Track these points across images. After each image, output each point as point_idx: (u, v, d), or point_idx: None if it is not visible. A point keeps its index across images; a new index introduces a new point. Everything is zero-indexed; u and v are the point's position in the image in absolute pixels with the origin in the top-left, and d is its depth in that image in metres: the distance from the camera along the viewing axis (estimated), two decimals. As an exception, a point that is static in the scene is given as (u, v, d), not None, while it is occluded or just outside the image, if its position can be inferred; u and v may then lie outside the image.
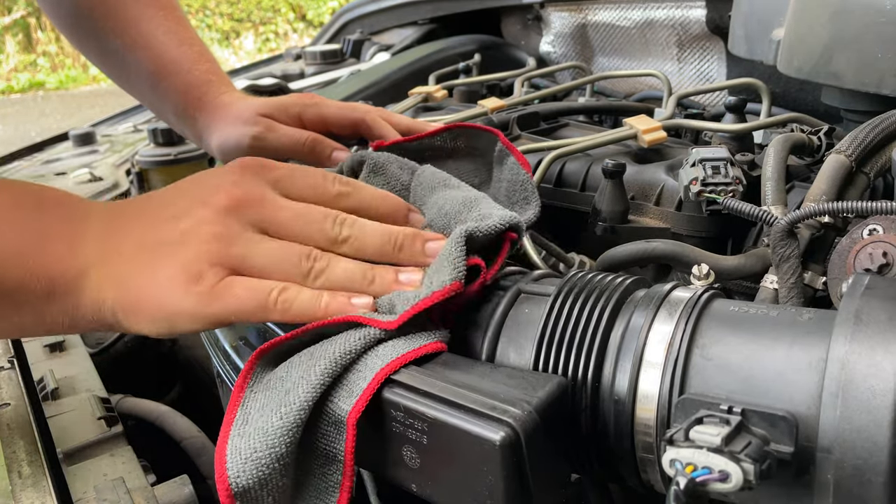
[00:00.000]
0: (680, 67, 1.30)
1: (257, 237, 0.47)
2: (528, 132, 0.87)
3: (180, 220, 0.48)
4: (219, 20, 10.48)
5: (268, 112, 0.76)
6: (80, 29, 0.84)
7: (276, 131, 0.75)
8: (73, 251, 0.48)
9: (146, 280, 0.46)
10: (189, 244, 0.46)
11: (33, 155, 1.62)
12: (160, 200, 0.51)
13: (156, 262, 0.46)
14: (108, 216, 0.50)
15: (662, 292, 0.42)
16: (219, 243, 0.46)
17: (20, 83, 9.51)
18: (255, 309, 0.45)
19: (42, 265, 0.46)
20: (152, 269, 0.46)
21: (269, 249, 0.47)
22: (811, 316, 0.38)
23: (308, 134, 0.75)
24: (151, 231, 0.48)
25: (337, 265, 0.48)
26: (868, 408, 0.32)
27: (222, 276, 0.46)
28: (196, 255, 0.46)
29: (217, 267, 0.46)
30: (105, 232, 0.49)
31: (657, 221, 0.68)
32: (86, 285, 0.47)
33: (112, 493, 0.57)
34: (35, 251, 0.47)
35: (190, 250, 0.46)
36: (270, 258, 0.47)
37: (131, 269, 0.47)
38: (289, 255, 0.47)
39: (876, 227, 0.49)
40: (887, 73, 0.65)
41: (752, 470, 0.31)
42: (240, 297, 0.45)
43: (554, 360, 0.42)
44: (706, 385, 0.37)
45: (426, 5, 1.84)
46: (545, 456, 0.38)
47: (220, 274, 0.46)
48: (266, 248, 0.47)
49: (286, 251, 0.47)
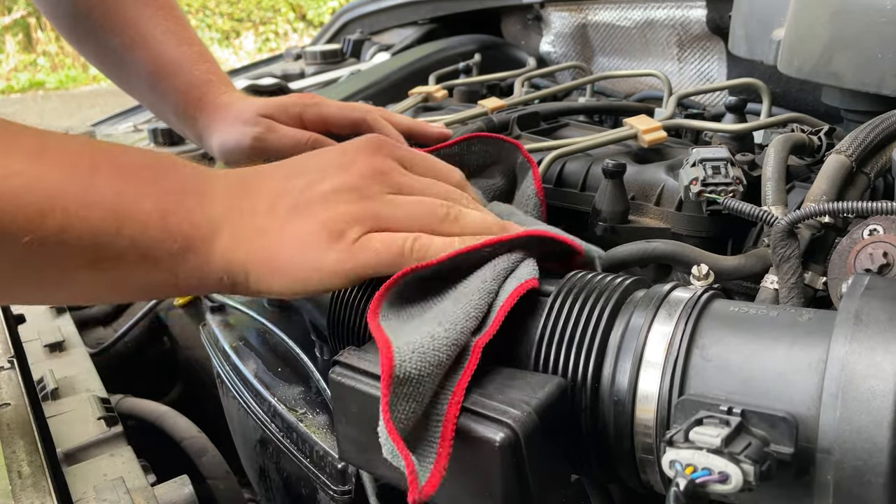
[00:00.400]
0: (680, 67, 1.30)
1: (393, 197, 0.50)
2: (528, 132, 0.87)
3: (320, 183, 0.49)
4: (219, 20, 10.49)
5: (268, 112, 0.76)
6: (78, 30, 0.84)
7: (277, 132, 0.75)
8: (205, 208, 0.48)
9: (284, 238, 0.47)
10: (330, 204, 0.48)
11: (33, 155, 1.61)
12: (290, 167, 0.52)
13: (295, 221, 0.48)
14: (237, 178, 0.51)
15: (662, 292, 0.42)
16: (361, 204, 0.48)
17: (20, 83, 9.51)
18: (392, 259, 0.47)
19: (177, 222, 0.46)
20: (291, 227, 0.48)
21: (407, 203, 0.50)
22: (811, 316, 0.38)
23: (309, 134, 0.75)
24: (287, 192, 0.49)
25: (470, 213, 0.51)
26: (868, 408, 0.32)
27: (362, 233, 0.47)
28: (338, 215, 0.47)
29: (358, 225, 0.47)
30: (237, 190, 0.50)
31: (657, 221, 0.68)
32: (217, 242, 0.47)
33: (112, 493, 0.57)
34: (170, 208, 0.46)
35: (332, 210, 0.48)
36: (409, 211, 0.49)
37: (266, 227, 0.48)
38: (426, 206, 0.50)
39: (876, 227, 0.49)
40: (887, 73, 0.65)
41: (752, 471, 0.31)
42: (378, 251, 0.47)
43: (553, 360, 0.42)
44: (706, 385, 0.37)
45: (426, 5, 1.84)
46: (545, 456, 0.38)
47: (360, 231, 0.47)
48: (404, 202, 0.50)
49: (423, 203, 0.50)
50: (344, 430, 0.44)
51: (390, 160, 0.52)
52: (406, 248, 0.47)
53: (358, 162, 0.51)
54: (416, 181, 0.52)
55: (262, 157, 0.76)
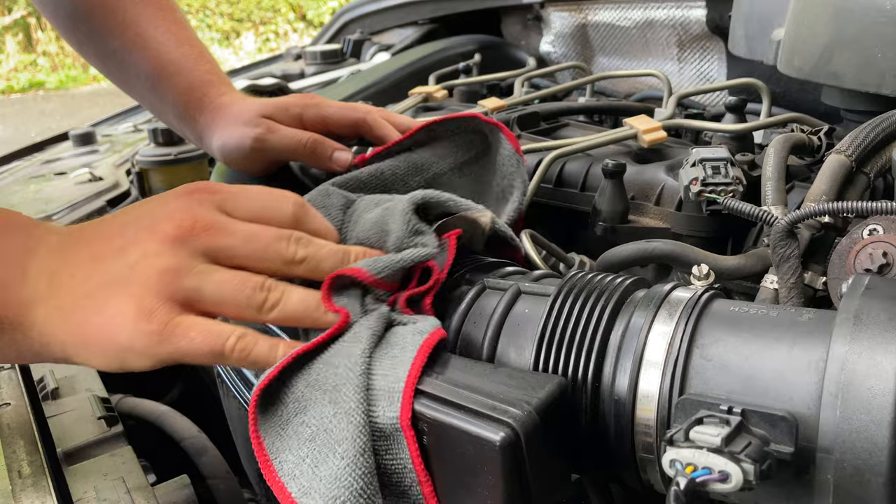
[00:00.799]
0: (680, 67, 1.30)
1: (208, 267, 0.46)
2: (529, 132, 0.87)
3: (127, 253, 0.46)
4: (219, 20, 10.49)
5: (268, 113, 0.76)
6: (78, 31, 0.84)
7: (277, 132, 0.75)
8: (22, 282, 0.47)
9: (95, 316, 0.45)
10: (138, 278, 0.45)
11: (33, 155, 1.62)
12: (108, 230, 0.49)
13: (108, 294, 0.45)
14: (57, 245, 0.49)
15: (662, 292, 0.42)
16: (168, 277, 0.45)
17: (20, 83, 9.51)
18: (211, 353, 0.44)
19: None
20: (101, 305, 0.45)
21: (221, 281, 0.46)
22: (811, 316, 0.38)
23: (309, 135, 0.74)
24: (100, 264, 0.47)
25: (291, 295, 0.47)
26: (868, 408, 0.32)
27: (175, 313, 0.44)
28: (146, 291, 0.44)
29: (169, 303, 0.44)
30: (58, 258, 0.48)
31: (657, 221, 0.68)
32: (34, 319, 0.46)
33: (112, 493, 0.57)
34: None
35: (139, 285, 0.45)
36: (223, 291, 0.45)
37: (79, 304, 0.46)
38: (242, 287, 0.46)
39: (876, 227, 0.49)
40: (887, 73, 0.65)
41: (752, 470, 0.31)
42: (194, 340, 0.44)
43: (554, 360, 0.42)
44: (706, 385, 0.37)
45: (426, 5, 1.84)
46: (545, 456, 0.38)
47: (172, 310, 0.44)
48: (218, 280, 0.46)
49: (239, 283, 0.46)
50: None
51: (208, 210, 0.48)
52: (227, 346, 0.44)
53: (166, 221, 0.47)
54: (237, 233, 0.47)
55: (262, 157, 0.76)
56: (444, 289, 0.50)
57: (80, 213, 1.12)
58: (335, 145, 0.74)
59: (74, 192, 1.21)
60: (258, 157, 0.76)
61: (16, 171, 1.48)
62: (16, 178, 1.40)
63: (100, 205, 1.16)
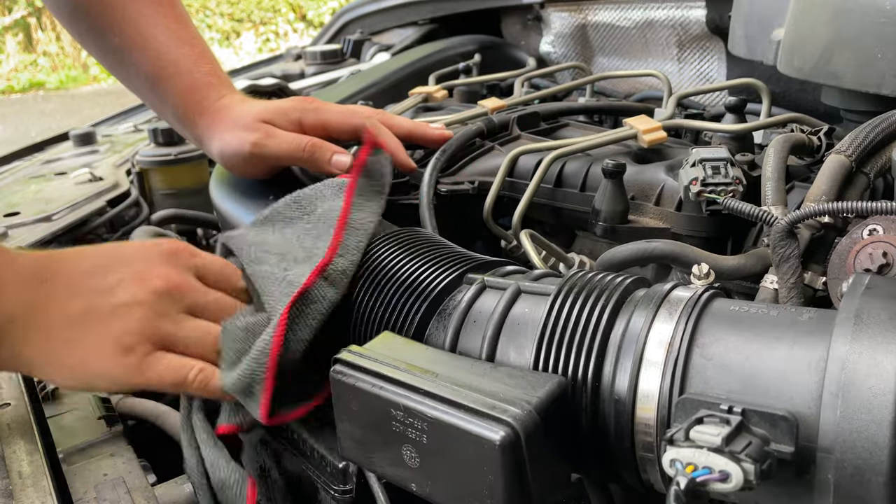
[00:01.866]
0: (680, 67, 1.30)
1: (184, 318, 0.55)
2: (528, 132, 0.87)
3: (114, 294, 0.54)
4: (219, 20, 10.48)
5: (268, 117, 0.76)
6: (78, 26, 0.84)
7: (276, 137, 0.74)
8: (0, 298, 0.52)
9: (75, 344, 0.52)
10: (123, 318, 0.53)
11: (33, 155, 1.61)
12: (90, 267, 0.56)
13: (87, 327, 0.52)
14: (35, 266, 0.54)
15: (662, 292, 0.42)
16: (153, 322, 0.53)
17: (20, 83, 9.50)
18: (174, 383, 0.53)
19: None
20: (82, 334, 0.52)
21: (195, 330, 0.55)
22: (811, 316, 0.38)
23: (307, 139, 0.74)
24: (84, 293, 0.54)
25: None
26: (868, 408, 0.32)
27: (150, 351, 0.53)
28: (128, 330, 0.53)
29: (147, 343, 0.53)
30: (34, 281, 0.53)
31: (657, 221, 0.68)
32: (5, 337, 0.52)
33: (112, 493, 0.57)
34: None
35: (123, 324, 0.53)
36: (195, 340, 0.55)
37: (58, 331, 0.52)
38: (207, 335, 0.55)
39: (876, 227, 0.49)
40: (887, 73, 0.65)
41: (753, 470, 0.31)
42: (161, 373, 0.53)
43: (554, 359, 0.42)
44: (706, 385, 0.37)
45: (426, 5, 1.84)
46: (545, 456, 0.38)
47: (149, 349, 0.53)
48: (192, 329, 0.55)
49: (208, 334, 0.55)
50: (344, 428, 0.44)
51: (186, 273, 0.57)
52: (189, 377, 0.53)
53: (156, 275, 0.55)
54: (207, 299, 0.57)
55: (261, 162, 0.76)
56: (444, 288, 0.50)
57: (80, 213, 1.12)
58: (334, 148, 0.73)
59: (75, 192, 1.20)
60: (257, 162, 0.76)
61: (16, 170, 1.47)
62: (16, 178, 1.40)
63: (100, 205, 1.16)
